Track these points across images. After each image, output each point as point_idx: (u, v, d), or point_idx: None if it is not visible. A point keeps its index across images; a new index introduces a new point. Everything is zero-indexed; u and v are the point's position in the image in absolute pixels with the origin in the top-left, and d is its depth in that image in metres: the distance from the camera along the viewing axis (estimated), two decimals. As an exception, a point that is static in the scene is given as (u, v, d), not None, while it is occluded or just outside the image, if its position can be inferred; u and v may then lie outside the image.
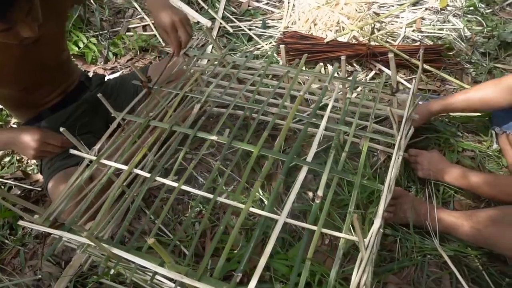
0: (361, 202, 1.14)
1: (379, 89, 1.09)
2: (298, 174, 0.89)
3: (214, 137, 1.00)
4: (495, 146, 1.28)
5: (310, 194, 1.24)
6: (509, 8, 1.80)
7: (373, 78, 1.58)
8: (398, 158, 1.01)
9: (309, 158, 0.95)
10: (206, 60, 1.59)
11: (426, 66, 1.53)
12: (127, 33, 1.92)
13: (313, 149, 0.97)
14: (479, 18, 1.74)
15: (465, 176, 1.09)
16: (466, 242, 1.03)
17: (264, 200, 1.22)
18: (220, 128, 1.06)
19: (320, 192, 0.88)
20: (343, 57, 1.09)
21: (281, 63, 1.65)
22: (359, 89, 1.46)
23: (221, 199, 0.90)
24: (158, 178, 0.96)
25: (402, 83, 1.54)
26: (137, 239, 1.16)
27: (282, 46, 1.15)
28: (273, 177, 1.31)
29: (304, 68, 1.31)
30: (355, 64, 1.61)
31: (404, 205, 1.05)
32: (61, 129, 0.95)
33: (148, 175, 0.96)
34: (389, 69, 1.61)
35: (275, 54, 1.66)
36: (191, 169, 0.99)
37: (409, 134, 1.25)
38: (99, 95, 1.03)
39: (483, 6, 1.80)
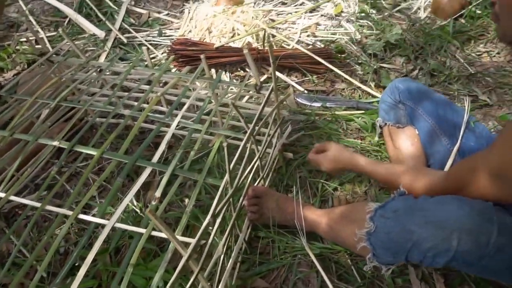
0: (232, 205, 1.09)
1: (240, 87, 1.07)
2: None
3: (55, 143, 0.92)
4: (376, 139, 1.29)
5: (187, 200, 1.18)
6: (398, 14, 1.89)
7: (266, 82, 1.58)
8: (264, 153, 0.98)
9: (155, 159, 0.90)
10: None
11: (314, 68, 1.55)
12: (18, 47, 1.81)
13: (160, 149, 0.92)
14: (370, 23, 1.80)
15: (369, 161, 1.01)
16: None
17: (137, 210, 1.15)
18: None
19: (158, 193, 0.82)
20: (202, 56, 1.06)
21: (173, 70, 1.63)
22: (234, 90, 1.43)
23: (52, 207, 0.82)
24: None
25: (293, 85, 1.54)
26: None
27: (144, 48, 1.10)
28: (151, 186, 1.24)
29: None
30: (247, 69, 1.60)
31: (268, 204, 1.01)
32: None
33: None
34: (282, 73, 1.62)
35: (165, 61, 1.62)
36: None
37: (285, 134, 1.24)
38: None
39: (374, 12, 1.88)
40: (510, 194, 0.67)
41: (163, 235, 0.77)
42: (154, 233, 0.76)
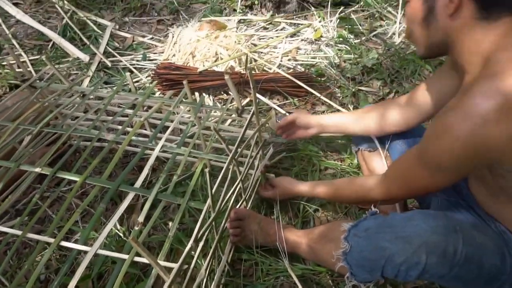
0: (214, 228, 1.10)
1: (222, 111, 1.10)
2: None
3: (38, 169, 0.93)
4: (355, 161, 1.33)
5: (170, 224, 1.19)
6: (374, 38, 1.97)
7: (248, 105, 1.61)
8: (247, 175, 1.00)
9: (138, 184, 0.91)
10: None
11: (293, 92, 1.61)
12: (0, 71, 1.81)
13: (143, 174, 0.93)
14: (348, 48, 1.87)
15: (310, 185, 1.08)
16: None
17: (121, 234, 1.14)
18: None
19: (141, 218, 0.83)
20: (185, 82, 1.09)
21: (157, 93, 1.65)
22: (217, 113, 1.46)
23: (34, 235, 0.82)
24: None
25: (275, 108, 1.59)
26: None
27: (127, 74, 1.13)
28: (134, 209, 1.24)
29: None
30: (230, 93, 1.64)
31: (251, 226, 1.03)
32: None
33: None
34: (264, 96, 1.66)
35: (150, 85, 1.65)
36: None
37: (267, 155, 1.27)
38: None
39: (352, 37, 1.96)
40: (453, 179, 0.72)
41: (146, 260, 0.77)
42: (137, 258, 0.76)
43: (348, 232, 0.79)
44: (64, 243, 0.79)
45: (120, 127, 1.26)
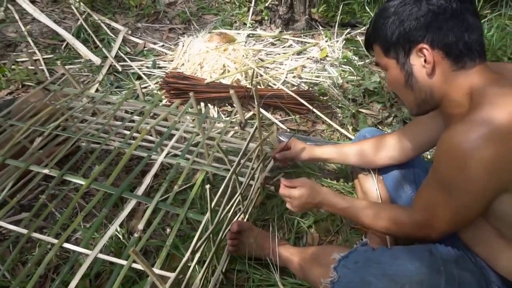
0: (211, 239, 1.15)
1: (226, 123, 1.15)
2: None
3: (46, 171, 0.98)
4: (350, 182, 1.38)
5: (168, 230, 1.23)
6: (378, 61, 2.02)
7: (251, 118, 1.67)
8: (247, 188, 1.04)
9: (140, 191, 0.96)
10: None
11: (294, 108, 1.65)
12: (14, 67, 1.87)
13: (146, 182, 0.98)
14: (352, 69, 1.93)
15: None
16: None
17: (120, 237, 1.19)
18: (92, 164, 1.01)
19: (141, 226, 0.88)
20: (191, 94, 1.14)
21: (164, 101, 1.71)
22: (221, 125, 1.50)
23: (38, 235, 0.86)
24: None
25: (277, 124, 1.64)
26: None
27: (137, 83, 1.18)
28: (135, 214, 1.28)
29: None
30: (234, 106, 1.69)
31: (248, 239, 1.07)
32: None
33: None
34: (267, 111, 1.71)
35: (158, 92, 1.71)
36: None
37: (267, 167, 1.31)
38: None
39: (356, 58, 2.01)
40: (478, 201, 0.73)
41: (138, 266, 0.82)
42: (134, 265, 0.81)
43: (338, 262, 0.83)
44: (67, 245, 0.84)
45: (127, 132, 1.30)
